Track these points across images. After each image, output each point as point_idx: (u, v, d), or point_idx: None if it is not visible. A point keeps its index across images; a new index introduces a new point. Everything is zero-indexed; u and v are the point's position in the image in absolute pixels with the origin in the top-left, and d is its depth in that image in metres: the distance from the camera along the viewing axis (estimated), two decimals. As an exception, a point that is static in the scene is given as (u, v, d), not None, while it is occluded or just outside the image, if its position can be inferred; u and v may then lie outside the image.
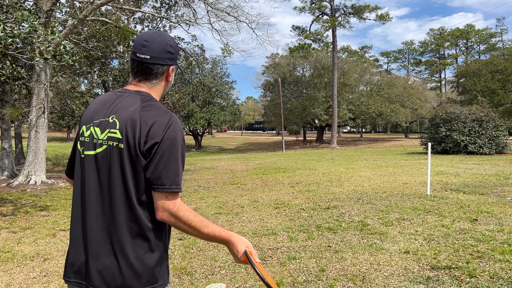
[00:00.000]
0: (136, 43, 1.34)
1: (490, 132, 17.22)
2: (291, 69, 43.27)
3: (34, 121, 10.03)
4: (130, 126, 1.24)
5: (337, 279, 3.38)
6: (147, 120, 1.24)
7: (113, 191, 1.25)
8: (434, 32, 68.57)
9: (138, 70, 1.35)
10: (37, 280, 3.58)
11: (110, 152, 1.26)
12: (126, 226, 1.24)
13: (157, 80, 1.37)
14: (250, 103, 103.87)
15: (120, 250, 1.24)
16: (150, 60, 1.32)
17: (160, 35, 1.35)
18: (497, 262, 3.60)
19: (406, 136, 48.26)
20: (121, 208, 1.24)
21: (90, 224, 1.27)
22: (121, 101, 1.32)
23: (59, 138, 54.95)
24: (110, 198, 1.25)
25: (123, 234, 1.24)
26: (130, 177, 1.23)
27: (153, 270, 1.28)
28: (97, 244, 1.26)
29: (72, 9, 13.31)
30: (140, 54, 1.32)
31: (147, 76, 1.35)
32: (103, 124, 1.29)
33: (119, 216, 1.24)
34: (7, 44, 5.05)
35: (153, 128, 1.23)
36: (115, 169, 1.24)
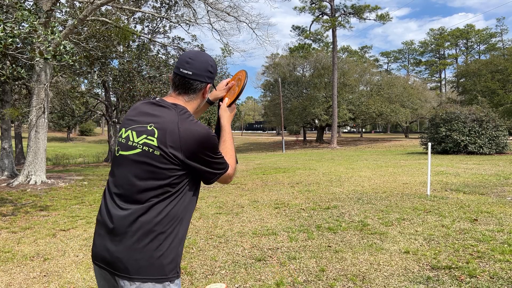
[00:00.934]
0: (181, 60, 1.49)
1: (490, 132, 17.22)
2: (291, 69, 43.27)
3: (34, 121, 10.03)
4: (169, 136, 1.37)
5: (337, 279, 3.38)
6: (184, 132, 1.38)
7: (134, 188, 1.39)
8: (434, 32, 68.59)
9: (180, 84, 1.49)
10: (37, 280, 3.58)
11: (143, 155, 1.39)
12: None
13: (194, 95, 1.51)
14: (250, 103, 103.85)
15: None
16: (192, 76, 1.47)
17: (203, 55, 1.51)
18: (497, 262, 3.60)
19: (406, 136, 48.27)
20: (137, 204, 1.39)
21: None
22: (160, 111, 1.44)
23: (59, 138, 54.96)
24: (133, 193, 1.39)
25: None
26: (154, 179, 1.37)
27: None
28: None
29: (72, 9, 13.31)
30: (183, 70, 1.47)
31: (187, 90, 1.49)
32: (141, 130, 1.42)
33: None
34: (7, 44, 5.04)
35: (190, 140, 1.37)
36: (143, 171, 1.38)
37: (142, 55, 19.00)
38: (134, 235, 1.35)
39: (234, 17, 14.27)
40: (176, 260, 1.41)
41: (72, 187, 9.56)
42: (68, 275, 3.67)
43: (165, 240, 1.37)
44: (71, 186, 9.73)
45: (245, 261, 3.90)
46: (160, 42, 18.33)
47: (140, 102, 1.55)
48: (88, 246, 4.59)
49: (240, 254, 4.12)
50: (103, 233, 1.42)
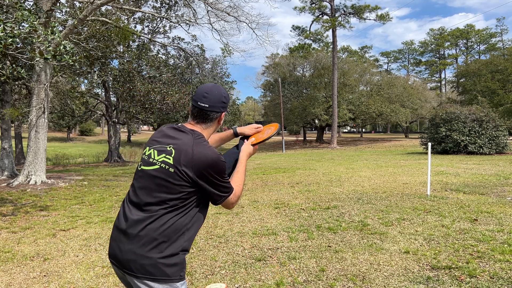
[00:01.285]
0: (198, 94, 1.69)
1: (490, 132, 17.22)
2: (291, 69, 43.27)
3: (34, 121, 10.03)
4: (184, 156, 1.57)
5: (337, 279, 3.38)
6: (197, 154, 1.57)
7: (150, 198, 1.59)
8: (434, 32, 68.58)
9: (198, 115, 1.70)
10: (37, 280, 3.58)
11: (160, 171, 1.59)
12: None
13: (211, 123, 1.73)
14: (250, 103, 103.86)
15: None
16: (208, 108, 1.68)
17: (217, 89, 1.72)
18: (497, 262, 3.60)
19: (406, 136, 48.28)
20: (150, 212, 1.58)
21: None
22: (179, 135, 1.67)
23: (59, 138, 54.95)
24: (146, 203, 1.59)
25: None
26: (166, 192, 1.56)
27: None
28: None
29: (72, 9, 13.31)
30: (200, 103, 1.68)
31: (204, 120, 1.71)
32: (161, 149, 1.64)
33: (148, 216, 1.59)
34: (7, 44, 5.04)
35: (201, 161, 1.56)
36: (158, 184, 1.58)
37: (142, 55, 19.01)
38: (141, 240, 1.52)
39: (234, 17, 14.27)
40: (179, 266, 1.55)
41: (72, 187, 9.56)
42: (68, 275, 3.67)
43: (167, 248, 1.52)
44: (71, 186, 9.73)
45: (245, 261, 3.90)
46: (160, 42, 18.34)
47: (165, 126, 1.78)
48: (88, 246, 4.60)
49: (240, 254, 4.12)
50: (117, 236, 1.61)
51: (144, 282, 1.51)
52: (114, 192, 8.72)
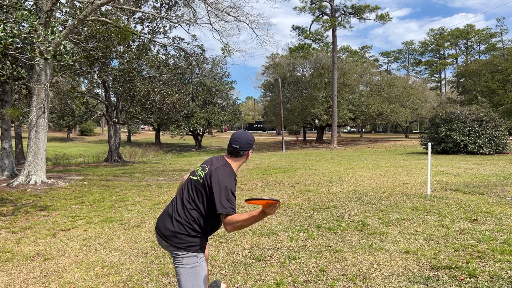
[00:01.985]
0: (232, 138, 2.48)
1: (490, 132, 17.22)
2: (291, 69, 43.27)
3: (34, 121, 10.03)
4: (209, 173, 2.36)
5: (337, 279, 3.38)
6: (217, 172, 2.34)
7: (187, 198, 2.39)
8: (434, 32, 68.58)
9: (233, 152, 2.47)
10: (37, 280, 3.58)
11: (197, 182, 2.39)
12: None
13: (240, 158, 2.50)
14: (250, 103, 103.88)
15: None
16: (239, 149, 2.45)
17: (245, 134, 2.50)
18: (497, 262, 3.60)
19: (406, 136, 48.28)
20: (184, 208, 2.37)
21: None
22: (216, 162, 2.45)
23: (59, 138, 54.96)
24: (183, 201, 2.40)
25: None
26: (196, 196, 2.36)
27: (188, 240, 2.33)
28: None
29: (72, 9, 13.31)
30: (234, 145, 2.45)
31: (237, 156, 2.49)
32: (203, 168, 2.45)
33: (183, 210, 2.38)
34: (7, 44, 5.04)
35: (217, 176, 2.32)
36: (194, 189, 2.38)
37: (142, 55, 19.01)
38: (176, 224, 2.31)
39: (234, 17, 14.27)
40: (199, 245, 2.33)
41: (72, 187, 9.57)
42: (68, 275, 3.68)
43: (189, 232, 2.30)
44: (71, 186, 9.73)
45: (245, 261, 3.90)
46: (160, 42, 18.33)
47: (213, 156, 2.57)
48: (88, 246, 4.60)
49: (240, 254, 4.12)
50: (165, 216, 2.39)
51: (173, 248, 2.30)
52: (114, 192, 8.72)
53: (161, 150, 37.10)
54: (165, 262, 3.97)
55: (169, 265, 3.89)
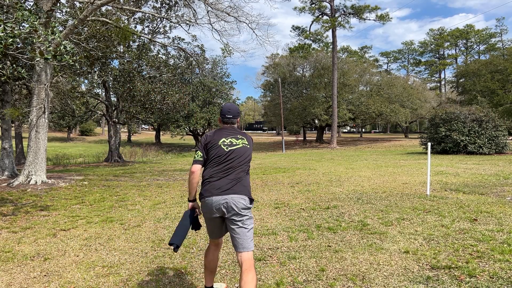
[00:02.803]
0: (225, 111, 3.05)
1: (489, 132, 17.23)
2: (291, 69, 43.27)
3: (34, 121, 10.03)
4: (250, 142, 3.07)
5: (337, 279, 3.38)
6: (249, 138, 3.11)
7: (243, 162, 2.95)
8: (434, 32, 68.61)
9: (228, 121, 3.05)
10: (37, 280, 3.59)
11: (243, 148, 2.97)
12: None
13: (235, 124, 3.08)
14: (250, 103, 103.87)
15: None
16: (232, 118, 3.06)
17: (233, 105, 3.10)
18: (497, 262, 3.61)
19: (406, 136, 48.29)
20: (245, 168, 2.95)
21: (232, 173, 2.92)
22: (238, 132, 3.06)
23: (60, 138, 54.96)
24: (242, 164, 2.93)
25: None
26: (249, 160, 3.00)
27: (250, 191, 2.95)
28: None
29: (73, 9, 13.31)
30: (228, 115, 3.04)
31: (233, 123, 3.07)
32: (237, 138, 3.01)
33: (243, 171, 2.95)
34: (8, 44, 5.05)
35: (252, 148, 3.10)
36: (245, 154, 2.97)
37: (142, 55, 19.02)
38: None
39: (234, 17, 14.27)
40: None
41: (73, 187, 9.57)
42: (69, 275, 3.68)
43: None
44: (72, 186, 9.74)
45: (245, 261, 3.91)
46: (160, 42, 18.33)
47: (218, 129, 3.08)
48: (88, 246, 4.61)
49: (240, 254, 4.13)
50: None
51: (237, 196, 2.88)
52: (114, 192, 8.73)
53: (161, 150, 37.11)
54: (165, 262, 3.97)
55: (169, 265, 3.90)
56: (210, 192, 2.79)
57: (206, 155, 2.93)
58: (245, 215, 2.79)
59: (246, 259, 2.74)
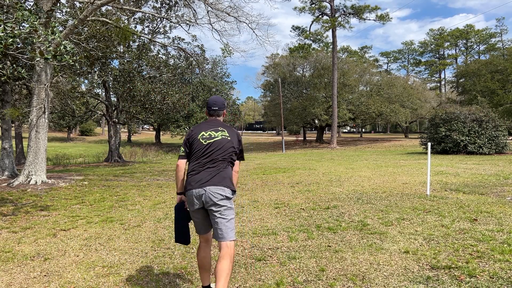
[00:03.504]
0: (210, 103, 3.14)
1: (489, 132, 17.23)
2: (291, 69, 43.28)
3: (34, 121, 10.04)
4: (231, 134, 3.09)
5: (337, 279, 3.38)
6: (237, 134, 3.12)
7: (222, 153, 3.00)
8: (434, 32, 68.60)
9: (214, 113, 3.16)
10: (37, 280, 3.59)
11: (223, 140, 3.02)
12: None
13: (221, 117, 3.20)
14: (250, 103, 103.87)
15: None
16: (218, 110, 3.17)
17: (219, 98, 3.21)
18: (497, 262, 3.61)
19: (406, 136, 48.28)
20: (225, 159, 3.01)
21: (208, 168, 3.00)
22: (220, 124, 3.13)
23: (60, 138, 54.96)
24: (221, 154, 3.00)
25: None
26: (231, 151, 3.04)
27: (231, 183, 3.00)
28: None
29: (73, 9, 13.32)
30: (214, 108, 3.14)
31: (218, 115, 3.18)
32: (217, 130, 3.06)
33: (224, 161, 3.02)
34: (8, 44, 5.05)
35: (240, 138, 3.14)
36: (225, 145, 3.01)
37: (143, 55, 19.01)
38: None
39: (234, 18, 14.27)
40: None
41: (73, 187, 9.57)
42: (69, 275, 3.68)
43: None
44: (72, 186, 9.74)
45: (245, 261, 3.91)
46: (160, 42, 18.33)
47: (200, 123, 3.18)
48: (89, 246, 4.61)
49: (240, 254, 4.13)
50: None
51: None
52: (114, 192, 8.73)
53: (161, 150, 37.10)
54: (165, 262, 3.97)
55: (169, 265, 3.90)
56: (190, 185, 2.91)
57: (188, 149, 3.05)
58: (223, 205, 2.87)
59: (224, 247, 2.83)
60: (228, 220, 2.89)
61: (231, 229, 2.89)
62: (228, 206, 2.91)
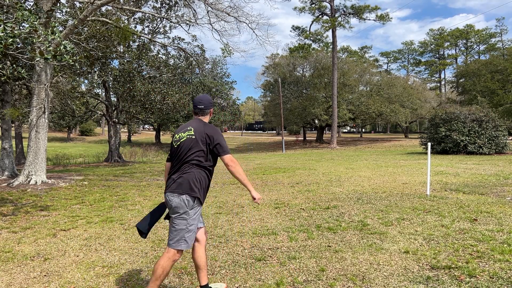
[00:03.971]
0: (196, 101, 3.09)
1: (489, 132, 17.23)
2: (291, 69, 43.28)
3: (34, 121, 10.03)
4: (198, 132, 2.95)
5: (337, 279, 3.38)
6: (209, 131, 2.96)
7: (187, 154, 2.93)
8: (434, 32, 68.59)
9: (199, 112, 3.10)
10: (37, 280, 3.59)
11: (188, 140, 2.94)
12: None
13: (206, 115, 3.12)
14: (250, 103, 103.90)
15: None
16: (204, 108, 3.09)
17: (206, 96, 3.14)
18: (497, 262, 3.61)
19: (406, 136, 48.28)
20: (190, 161, 2.92)
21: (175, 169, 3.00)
22: (194, 123, 3.03)
23: (60, 138, 54.95)
24: (186, 156, 2.92)
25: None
26: (197, 150, 2.91)
27: (193, 189, 2.88)
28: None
29: (73, 9, 13.32)
30: (199, 106, 3.07)
31: (203, 114, 3.11)
32: (185, 130, 3.00)
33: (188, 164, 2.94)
34: (8, 44, 5.05)
35: (213, 134, 2.95)
36: (190, 146, 2.93)
37: (142, 55, 19.01)
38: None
39: (234, 18, 14.27)
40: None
41: (73, 187, 9.57)
42: (69, 275, 3.68)
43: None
44: (72, 186, 9.74)
45: (245, 261, 3.91)
46: (160, 42, 18.33)
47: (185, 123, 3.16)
48: (88, 246, 4.61)
49: (240, 254, 4.13)
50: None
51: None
52: (114, 192, 8.73)
53: (161, 150, 37.10)
54: (165, 262, 3.97)
55: (169, 265, 3.90)
56: (165, 189, 3.02)
57: (170, 151, 3.15)
58: (176, 212, 2.85)
59: (165, 253, 2.90)
60: (176, 230, 2.84)
61: (176, 239, 2.83)
62: (180, 213, 2.84)
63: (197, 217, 2.94)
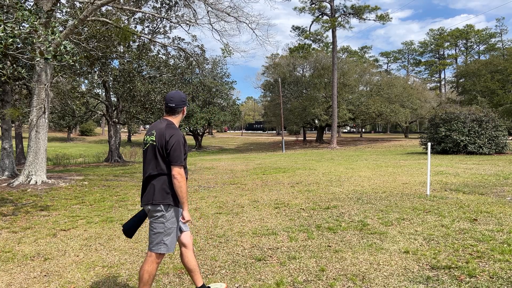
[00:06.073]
0: (167, 99, 2.88)
1: (489, 132, 17.23)
2: (291, 69, 43.28)
3: (34, 121, 10.03)
4: (159, 136, 2.81)
5: (337, 279, 3.39)
6: (167, 134, 2.79)
7: (151, 162, 2.84)
8: (434, 32, 68.57)
9: (169, 111, 2.91)
10: (37, 280, 3.59)
11: (151, 146, 2.84)
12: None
13: (177, 115, 2.95)
14: (250, 103, 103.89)
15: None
16: (175, 107, 2.89)
17: (178, 93, 2.92)
18: (497, 262, 3.61)
19: (406, 136, 48.27)
20: (154, 169, 2.83)
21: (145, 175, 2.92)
22: (159, 124, 2.88)
23: (60, 138, 54.94)
24: (150, 165, 2.84)
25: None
26: (159, 157, 2.80)
27: (163, 196, 2.81)
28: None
29: (73, 9, 13.32)
30: (170, 104, 2.88)
31: (173, 113, 2.93)
32: (150, 134, 2.87)
33: (153, 172, 2.84)
34: (8, 44, 5.05)
35: (170, 138, 2.78)
36: (152, 154, 2.83)
37: (143, 56, 19.01)
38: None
39: (234, 18, 14.26)
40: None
41: (73, 187, 9.57)
42: (69, 275, 3.69)
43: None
44: (72, 186, 9.74)
45: (245, 261, 3.91)
46: (160, 42, 18.33)
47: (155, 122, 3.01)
48: (89, 246, 4.61)
49: (240, 254, 4.13)
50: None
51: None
52: (114, 192, 8.73)
53: (161, 150, 37.03)
54: (165, 262, 3.97)
55: (169, 265, 3.90)
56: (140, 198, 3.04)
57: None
58: (152, 216, 2.84)
59: (147, 257, 2.89)
60: (155, 234, 2.82)
61: (156, 242, 2.82)
62: (157, 216, 2.81)
63: (175, 220, 2.86)
